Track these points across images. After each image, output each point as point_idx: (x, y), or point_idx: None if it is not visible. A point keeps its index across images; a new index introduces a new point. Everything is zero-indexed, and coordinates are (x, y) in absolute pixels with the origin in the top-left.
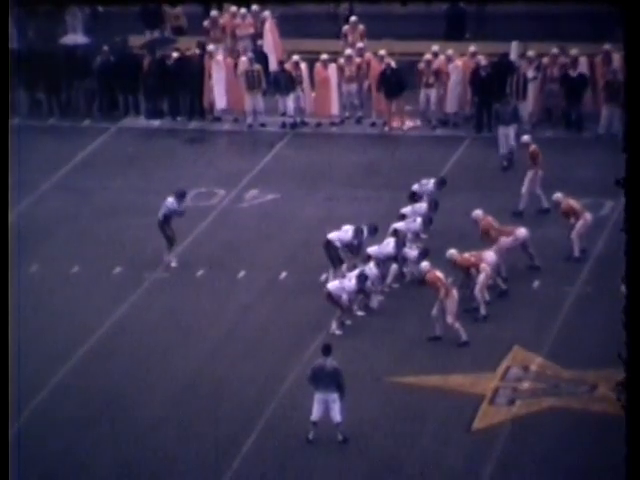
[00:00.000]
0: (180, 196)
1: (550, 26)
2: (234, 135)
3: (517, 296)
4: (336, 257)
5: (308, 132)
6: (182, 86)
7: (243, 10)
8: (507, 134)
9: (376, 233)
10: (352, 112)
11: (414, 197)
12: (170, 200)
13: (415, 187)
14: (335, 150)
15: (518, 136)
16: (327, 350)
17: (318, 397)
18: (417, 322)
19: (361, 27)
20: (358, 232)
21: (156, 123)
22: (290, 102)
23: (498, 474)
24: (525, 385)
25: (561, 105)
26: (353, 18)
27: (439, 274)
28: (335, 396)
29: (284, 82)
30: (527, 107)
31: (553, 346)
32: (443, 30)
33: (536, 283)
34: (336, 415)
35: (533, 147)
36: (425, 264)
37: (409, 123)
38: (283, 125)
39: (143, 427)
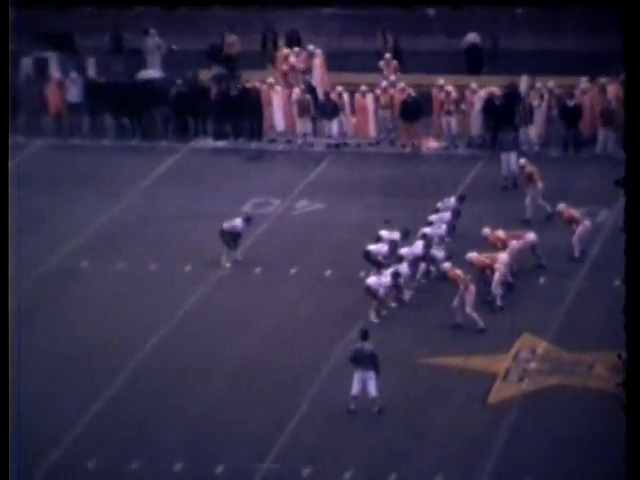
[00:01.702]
0: (247, 220)
1: (555, 62)
2: (287, 154)
3: (526, 290)
4: (376, 262)
5: (349, 151)
6: (243, 112)
7: (296, 49)
8: (509, 159)
9: (408, 237)
10: (386, 134)
11: (438, 210)
12: (239, 221)
13: (439, 205)
14: (372, 166)
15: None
16: (365, 335)
17: (357, 375)
18: (441, 312)
19: (394, 63)
20: (392, 243)
21: (221, 143)
22: (334, 126)
23: (510, 440)
24: (533, 365)
25: (561, 129)
26: (387, 55)
27: (459, 272)
28: (372, 374)
29: (329, 109)
30: (534, 131)
31: (556, 332)
32: (464, 65)
33: (542, 279)
34: (372, 390)
35: (529, 168)
36: (447, 264)
37: (432, 144)
38: (328, 145)
39: (208, 400)
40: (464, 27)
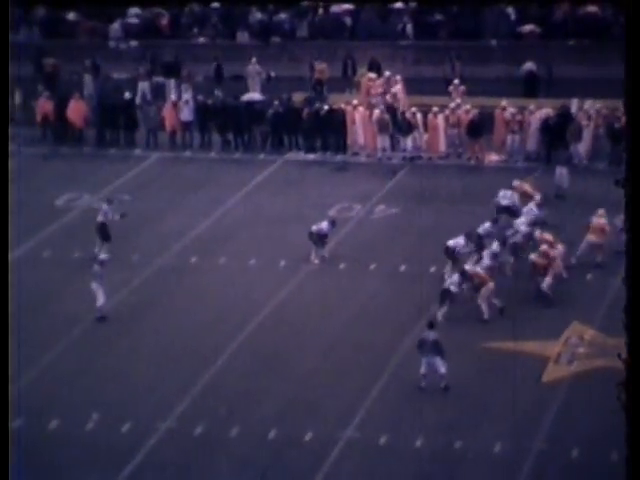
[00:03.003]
0: (332, 223)
1: (601, 87)
2: (368, 165)
3: (576, 285)
4: (454, 258)
5: (422, 164)
6: (330, 129)
7: (375, 75)
8: (562, 172)
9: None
10: (454, 149)
11: (514, 213)
12: (325, 224)
13: (505, 202)
14: (442, 177)
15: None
16: (431, 325)
17: (424, 360)
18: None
19: (462, 87)
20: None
21: (311, 156)
22: (409, 142)
23: (560, 415)
24: (581, 350)
25: (607, 146)
26: (456, 81)
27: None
28: (437, 358)
29: (405, 127)
30: (582, 147)
31: (601, 321)
32: (522, 90)
33: (589, 275)
34: (440, 368)
35: (524, 189)
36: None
37: (494, 157)
38: (404, 159)
39: (298, 377)
40: (522, 56)
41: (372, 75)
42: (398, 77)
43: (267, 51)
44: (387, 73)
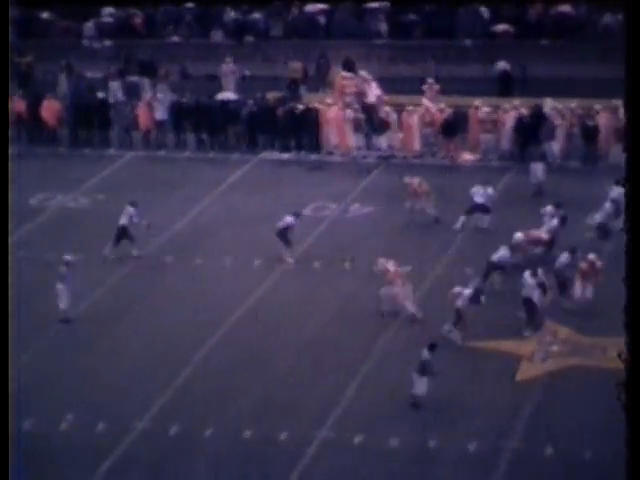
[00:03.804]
0: (296, 215)
1: (575, 87)
2: (343, 164)
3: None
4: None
5: (396, 163)
6: (305, 128)
7: (350, 74)
8: (537, 168)
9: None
10: (428, 148)
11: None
12: (288, 218)
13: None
14: (415, 175)
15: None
16: (432, 347)
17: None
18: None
19: (436, 86)
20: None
21: (286, 156)
22: (384, 141)
23: (535, 411)
24: (555, 348)
25: (581, 145)
26: (430, 80)
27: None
28: (424, 378)
29: (379, 126)
30: (556, 146)
31: (575, 320)
32: (496, 89)
33: None
34: (421, 388)
35: (413, 185)
36: None
37: (469, 157)
38: (378, 158)
39: (273, 377)
40: (496, 56)
41: (345, 74)
42: (371, 76)
43: (241, 50)
44: (361, 72)
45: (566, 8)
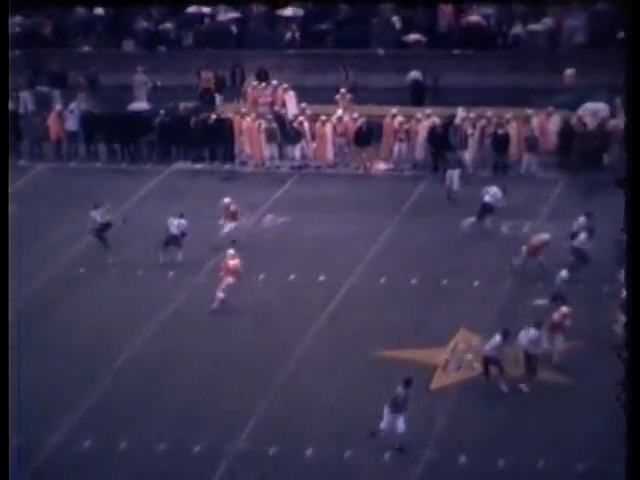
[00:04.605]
0: (181, 216)
1: (486, 96)
2: (256, 175)
3: (463, 292)
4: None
5: (310, 172)
6: (218, 139)
7: (263, 84)
8: (452, 174)
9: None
10: (342, 158)
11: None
12: (176, 221)
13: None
14: (329, 186)
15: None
16: (408, 383)
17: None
18: (395, 313)
19: (348, 96)
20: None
21: (199, 166)
22: (297, 151)
23: (449, 419)
24: (468, 357)
25: (492, 154)
26: (342, 89)
27: None
28: (400, 416)
29: (293, 136)
30: (468, 155)
31: (488, 329)
32: (408, 98)
33: (476, 283)
34: (400, 426)
35: (231, 208)
36: None
37: (382, 166)
38: (292, 167)
39: (187, 386)
40: (408, 65)
41: (256, 84)
42: (285, 85)
43: (153, 60)
44: (274, 82)
45: (476, 18)
